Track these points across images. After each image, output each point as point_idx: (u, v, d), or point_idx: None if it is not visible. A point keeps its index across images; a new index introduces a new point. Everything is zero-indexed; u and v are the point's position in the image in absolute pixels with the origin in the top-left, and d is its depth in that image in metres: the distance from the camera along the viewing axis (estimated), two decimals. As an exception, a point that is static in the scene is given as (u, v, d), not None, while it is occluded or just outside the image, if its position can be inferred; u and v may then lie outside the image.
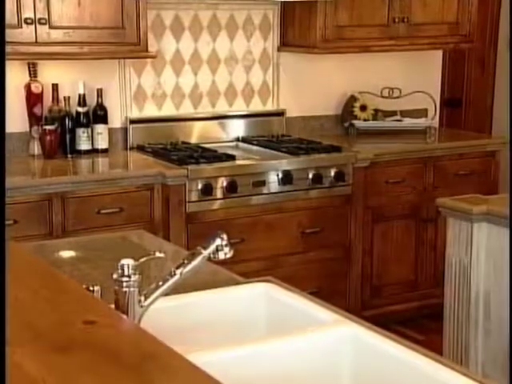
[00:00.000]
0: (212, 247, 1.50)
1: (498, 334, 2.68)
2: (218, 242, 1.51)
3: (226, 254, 1.52)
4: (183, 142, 3.91)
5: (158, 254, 1.51)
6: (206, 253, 1.50)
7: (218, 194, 3.50)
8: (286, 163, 3.65)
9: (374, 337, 1.55)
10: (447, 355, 2.76)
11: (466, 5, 4.23)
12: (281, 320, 1.75)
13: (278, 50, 4.18)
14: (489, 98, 5.14)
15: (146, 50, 3.60)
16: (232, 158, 3.61)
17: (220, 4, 3.98)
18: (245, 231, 3.56)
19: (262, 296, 1.82)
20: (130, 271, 1.43)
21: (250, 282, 1.88)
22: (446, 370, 1.43)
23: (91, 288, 1.49)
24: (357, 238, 3.86)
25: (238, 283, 1.89)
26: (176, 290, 1.63)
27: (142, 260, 1.47)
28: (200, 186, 3.45)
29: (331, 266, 3.81)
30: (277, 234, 3.65)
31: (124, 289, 1.43)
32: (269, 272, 2.97)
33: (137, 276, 1.44)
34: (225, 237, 1.52)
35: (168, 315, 1.69)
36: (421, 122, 4.44)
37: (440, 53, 4.62)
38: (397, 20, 4.07)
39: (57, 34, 3.37)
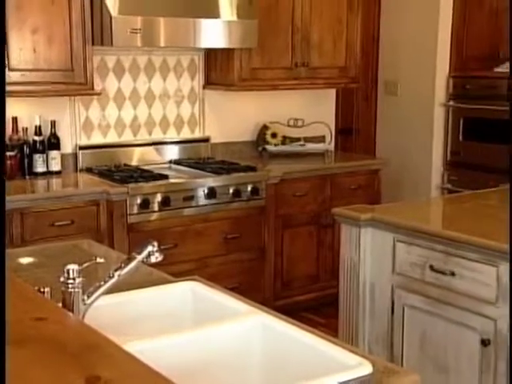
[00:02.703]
0: (145, 253, 1.48)
1: (380, 317, 2.72)
2: (149, 248, 1.48)
3: (156, 257, 1.50)
4: (125, 165, 3.86)
5: (98, 260, 1.47)
6: (139, 257, 1.47)
7: (155, 207, 3.46)
8: (211, 181, 3.64)
9: (279, 323, 1.55)
10: (342, 335, 2.78)
11: (352, 53, 4.32)
12: (204, 312, 1.73)
13: (203, 87, 4.18)
14: (372, 127, 5.25)
15: (92, 89, 3.54)
16: (166, 177, 3.58)
17: (154, 50, 3.96)
18: (177, 238, 3.53)
19: (189, 292, 1.79)
20: (75, 274, 1.40)
21: (179, 280, 1.85)
22: (337, 349, 1.44)
23: (42, 289, 1.44)
24: (270, 242, 3.87)
25: (169, 282, 1.86)
26: (118, 288, 1.60)
27: (85, 265, 1.43)
28: (139, 201, 3.40)
29: (249, 265, 3.81)
30: (204, 240, 3.63)
31: (70, 290, 1.39)
32: (198, 271, 2.95)
33: (80, 279, 1.40)
34: (155, 244, 1.49)
35: (110, 311, 1.65)
36: (320, 147, 4.50)
37: (334, 91, 4.70)
38: (299, 64, 4.13)
39: (16, 76, 3.29)
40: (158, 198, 3.46)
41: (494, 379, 2.36)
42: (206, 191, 3.60)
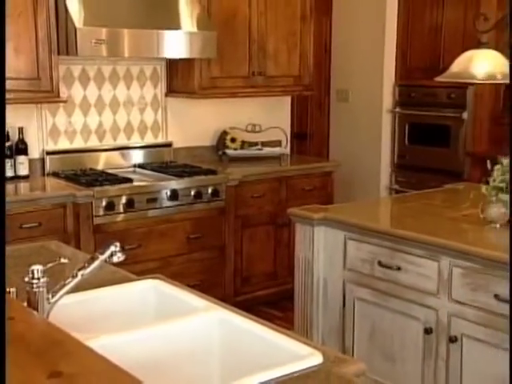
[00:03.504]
0: (107, 253, 1.46)
1: (333, 310, 2.74)
2: (112, 248, 1.47)
3: (119, 257, 1.48)
4: (91, 169, 3.81)
5: (62, 260, 1.45)
6: (102, 257, 1.45)
7: (120, 209, 3.43)
8: (174, 184, 3.62)
9: (236, 318, 1.56)
10: (297, 327, 2.80)
11: (306, 63, 4.35)
12: (166, 308, 1.72)
13: (166, 95, 4.15)
14: (325, 132, 5.29)
15: (58, 96, 3.49)
16: (130, 180, 3.55)
17: (118, 60, 3.92)
18: (142, 238, 3.51)
19: (152, 290, 1.78)
20: (40, 274, 1.37)
21: (142, 278, 1.84)
22: (291, 341, 1.45)
23: (8, 290, 1.41)
24: (230, 241, 3.87)
25: (132, 280, 1.85)
26: (83, 287, 1.58)
27: (49, 266, 1.41)
28: (104, 204, 3.37)
29: (210, 264, 3.80)
30: (167, 240, 3.61)
31: (34, 289, 1.37)
32: (161, 270, 2.93)
33: (45, 278, 1.38)
34: (118, 244, 1.48)
35: (75, 309, 1.63)
36: (276, 151, 4.52)
37: (289, 98, 4.71)
38: (255, 73, 4.14)
39: (-17, 83, 3.22)
40: (123, 200, 3.43)
41: (435, 364, 2.41)
42: (168, 193, 3.58)
